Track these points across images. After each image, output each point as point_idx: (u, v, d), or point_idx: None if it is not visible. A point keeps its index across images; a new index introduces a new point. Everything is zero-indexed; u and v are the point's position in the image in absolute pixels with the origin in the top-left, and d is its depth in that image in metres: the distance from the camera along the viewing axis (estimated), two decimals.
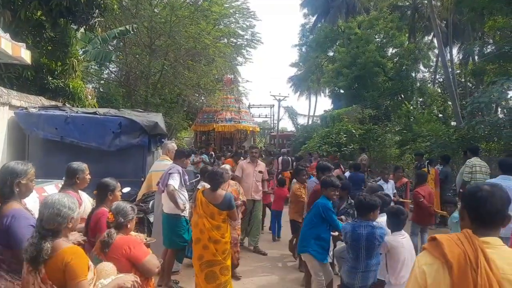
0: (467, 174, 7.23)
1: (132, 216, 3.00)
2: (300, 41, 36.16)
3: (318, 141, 19.43)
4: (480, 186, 1.75)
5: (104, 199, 3.51)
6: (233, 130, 25.87)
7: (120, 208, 2.96)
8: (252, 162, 7.24)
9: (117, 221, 2.91)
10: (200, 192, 4.54)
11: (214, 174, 4.51)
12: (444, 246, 1.61)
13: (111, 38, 12.61)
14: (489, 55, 17.06)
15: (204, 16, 16.37)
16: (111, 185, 3.61)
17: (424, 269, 1.66)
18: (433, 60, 27.28)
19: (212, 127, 25.45)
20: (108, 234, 2.85)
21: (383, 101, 23.98)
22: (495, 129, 11.74)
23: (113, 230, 2.88)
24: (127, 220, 2.93)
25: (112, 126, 6.69)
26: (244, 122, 25.92)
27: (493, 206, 1.66)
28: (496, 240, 1.63)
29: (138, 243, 2.94)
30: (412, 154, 14.32)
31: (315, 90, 41.56)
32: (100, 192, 3.57)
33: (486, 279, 1.50)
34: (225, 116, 25.29)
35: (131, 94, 17.08)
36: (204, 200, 4.40)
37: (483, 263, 1.52)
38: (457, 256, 1.57)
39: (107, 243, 2.80)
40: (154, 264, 2.91)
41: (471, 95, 16.94)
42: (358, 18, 26.22)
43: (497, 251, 1.59)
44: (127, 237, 2.94)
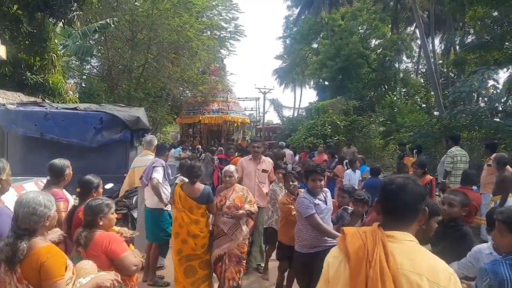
0: (449, 164, 7.33)
1: (105, 212, 2.93)
2: (284, 33, 36.12)
3: (303, 133, 19.52)
4: (393, 179, 1.68)
5: (87, 197, 3.44)
6: (221, 122, 23.92)
7: (87, 207, 2.92)
8: (254, 159, 5.89)
9: (85, 220, 2.87)
10: (179, 186, 4.52)
11: (192, 167, 4.50)
12: (347, 239, 1.58)
13: (92, 32, 12.38)
14: (469, 45, 17.28)
15: (187, 8, 16.19)
16: (95, 182, 3.57)
17: (329, 262, 1.64)
18: (415, 51, 27.57)
19: (198, 119, 23.59)
20: (77, 233, 2.83)
21: (367, 92, 24.17)
22: (476, 118, 11.94)
23: (81, 228, 2.85)
24: (98, 217, 2.87)
25: (93, 122, 6.58)
26: (232, 113, 24.15)
27: (401, 200, 1.60)
28: (403, 234, 1.55)
29: (118, 239, 2.89)
30: (396, 144, 14.49)
31: (300, 82, 41.63)
32: (84, 189, 3.52)
33: (379, 272, 1.44)
34: (212, 107, 23.56)
35: (113, 89, 16.85)
36: (183, 194, 4.39)
37: (378, 256, 1.47)
38: (356, 248, 1.53)
39: (78, 242, 2.78)
40: (131, 262, 2.85)
41: (453, 85, 17.16)
42: (341, 10, 26.28)
43: (401, 245, 1.51)
44: (107, 233, 2.89)
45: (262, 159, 5.95)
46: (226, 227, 4.44)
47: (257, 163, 5.86)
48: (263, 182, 5.85)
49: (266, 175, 5.89)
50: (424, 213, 1.62)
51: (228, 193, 4.55)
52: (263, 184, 5.83)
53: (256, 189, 5.70)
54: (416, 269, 1.43)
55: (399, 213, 1.61)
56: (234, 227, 4.49)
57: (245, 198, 4.59)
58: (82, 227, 2.86)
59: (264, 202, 5.68)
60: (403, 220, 1.59)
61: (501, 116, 13.47)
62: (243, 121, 26.19)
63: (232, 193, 4.56)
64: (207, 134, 25.39)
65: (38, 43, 8.92)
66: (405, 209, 1.60)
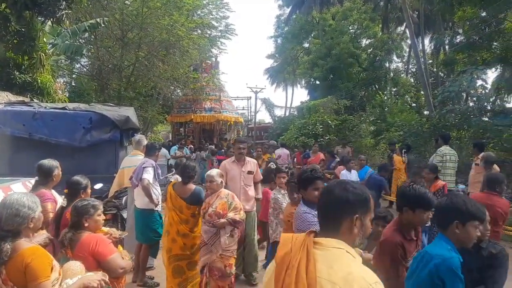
0: (438, 162, 7.40)
1: (90, 213, 2.91)
2: (276, 33, 36.11)
3: (295, 133, 19.55)
4: (330, 183, 1.64)
5: (76, 198, 3.42)
6: (213, 120, 23.23)
7: (73, 208, 2.91)
8: (238, 161, 5.44)
9: (71, 221, 2.86)
10: (171, 185, 4.54)
11: (185, 167, 4.52)
12: (279, 245, 1.56)
13: (82, 31, 12.28)
14: (459, 45, 17.46)
15: (177, 7, 16.13)
16: (83, 183, 3.56)
17: (269, 267, 1.63)
18: (406, 51, 27.75)
19: (190, 118, 22.82)
20: (62, 234, 2.82)
21: (357, 91, 24.27)
22: (465, 118, 12.08)
23: (67, 229, 2.84)
24: (83, 218, 2.85)
25: (83, 122, 6.54)
26: (225, 112, 23.54)
27: (325, 205, 1.58)
28: (331, 241, 1.48)
29: (105, 241, 2.88)
30: (387, 143, 14.60)
31: (291, 81, 41.69)
32: (72, 190, 3.51)
33: (294, 279, 1.41)
34: (204, 105, 22.91)
35: (104, 88, 16.73)
36: (173, 193, 4.42)
37: (298, 263, 1.43)
38: (283, 254, 1.50)
39: (61, 243, 2.77)
40: (118, 264, 2.82)
41: (443, 85, 17.33)
42: (332, 9, 26.34)
43: (325, 252, 1.45)
44: (94, 235, 2.88)
45: (247, 161, 5.53)
46: (207, 236, 4.23)
47: (241, 165, 5.43)
48: (249, 184, 5.47)
49: (251, 177, 5.52)
50: (358, 221, 1.51)
51: (212, 199, 4.27)
52: (248, 187, 5.44)
53: (242, 192, 5.33)
54: (331, 278, 1.38)
55: (324, 218, 1.58)
56: (215, 237, 4.21)
57: (229, 205, 4.24)
58: (68, 228, 2.85)
59: (250, 206, 5.40)
60: (329, 225, 1.54)
61: (490, 116, 13.65)
62: (237, 120, 25.39)
63: (216, 200, 4.25)
64: (199, 133, 24.59)
65: (26, 42, 8.81)
66: (328, 214, 1.56)
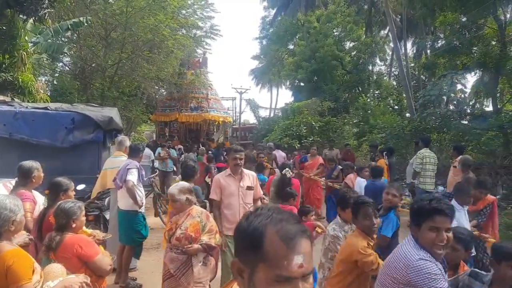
0: (418, 165, 7.57)
1: (77, 214, 2.92)
2: (261, 34, 36.23)
3: (279, 134, 19.68)
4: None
5: (56, 199, 3.42)
6: (200, 120, 21.83)
7: (60, 210, 2.89)
8: (235, 174, 4.51)
9: (58, 223, 2.86)
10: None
11: (185, 167, 4.88)
12: None
13: (64, 30, 12.11)
14: (440, 49, 17.80)
15: (162, 7, 16.03)
16: (64, 185, 3.55)
17: None
18: (388, 54, 28.17)
19: (175, 117, 21.47)
20: (49, 238, 2.80)
21: (341, 93, 24.56)
22: (445, 121, 12.35)
23: (54, 233, 2.83)
24: (71, 220, 2.86)
25: (65, 122, 6.47)
26: (213, 111, 22.07)
27: None
28: None
29: (89, 242, 2.90)
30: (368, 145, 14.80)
31: (276, 82, 41.86)
32: (52, 192, 3.50)
33: None
34: (190, 104, 21.58)
35: (87, 88, 16.52)
36: None
37: None
38: None
39: (49, 247, 2.76)
40: (106, 263, 2.89)
41: (424, 88, 17.67)
42: (317, 12, 26.58)
43: None
44: (77, 236, 2.89)
45: (245, 173, 4.61)
46: (174, 266, 3.49)
47: (239, 179, 4.50)
48: (249, 202, 4.57)
49: (251, 193, 4.59)
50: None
51: (181, 219, 3.52)
52: (248, 205, 4.54)
53: (241, 212, 4.36)
54: None
55: None
56: (184, 267, 3.49)
57: (202, 226, 3.52)
58: (54, 231, 2.84)
59: None
60: None
61: (469, 119, 13.99)
62: (225, 120, 24.03)
63: (186, 219, 3.51)
64: (185, 133, 23.22)
65: (7, 41, 8.69)
66: None
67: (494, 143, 11.13)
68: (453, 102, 15.59)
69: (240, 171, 4.54)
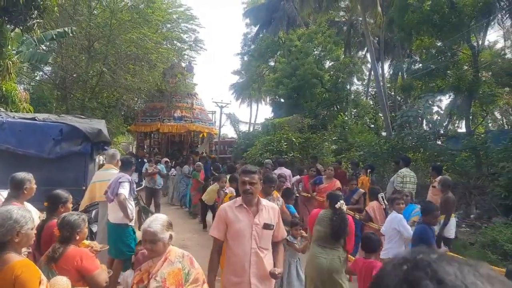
0: (399, 183, 7.86)
1: (81, 227, 2.98)
2: (242, 50, 36.65)
3: (259, 149, 19.81)
4: None
5: (55, 211, 3.47)
6: (184, 131, 20.44)
7: (65, 222, 2.93)
8: (248, 205, 3.24)
9: (63, 235, 2.89)
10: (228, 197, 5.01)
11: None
12: None
13: (48, 39, 12.03)
14: (416, 72, 18.50)
15: (146, 21, 16.13)
16: (63, 197, 3.60)
17: None
18: (366, 74, 28.98)
19: (157, 127, 19.82)
20: (53, 249, 2.83)
21: (320, 111, 25.00)
22: (421, 141, 12.78)
23: (58, 244, 2.86)
24: (75, 232, 2.91)
25: (53, 133, 6.45)
26: (198, 122, 20.62)
27: None
28: None
29: (90, 256, 2.95)
30: (348, 162, 15.11)
31: (256, 98, 42.21)
32: (51, 204, 3.53)
33: None
34: (174, 113, 19.98)
35: (66, 98, 16.33)
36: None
37: None
38: None
39: (52, 258, 2.78)
40: (103, 279, 2.93)
41: (400, 108, 18.27)
42: (298, 31, 27.15)
43: None
44: (79, 249, 2.93)
45: (263, 205, 3.27)
46: None
47: (253, 213, 3.20)
48: (265, 247, 3.25)
49: (270, 233, 3.28)
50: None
51: (155, 265, 2.61)
52: (264, 252, 3.22)
53: (253, 262, 3.14)
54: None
55: None
56: None
57: (185, 274, 2.64)
58: (58, 243, 2.87)
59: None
60: None
61: (443, 140, 14.54)
62: (210, 132, 22.40)
63: (163, 267, 2.59)
64: (167, 145, 21.68)
65: None
66: None
67: (467, 164, 11.61)
68: (429, 123, 16.17)
69: (256, 201, 3.23)
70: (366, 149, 15.32)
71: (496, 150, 10.41)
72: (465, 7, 14.23)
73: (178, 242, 8.40)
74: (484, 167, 11.86)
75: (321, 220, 4.33)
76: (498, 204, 8.99)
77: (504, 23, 17.07)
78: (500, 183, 8.87)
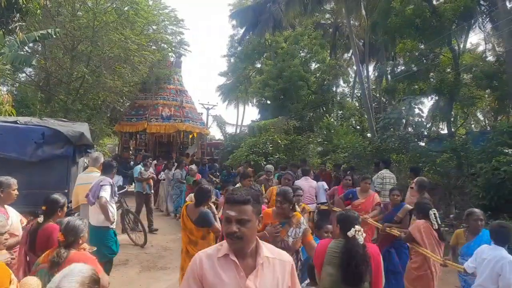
0: (379, 184, 8.03)
1: (84, 231, 3.03)
2: (229, 52, 36.73)
3: (246, 150, 19.87)
4: None
5: (52, 215, 3.57)
6: (173, 131, 18.65)
7: (70, 227, 2.96)
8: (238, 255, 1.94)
9: (68, 240, 2.92)
10: (185, 206, 4.62)
11: (200, 191, 4.47)
12: None
13: (31, 41, 11.92)
14: (399, 75, 18.79)
15: (129, 22, 16.06)
16: (60, 202, 3.69)
17: None
18: (351, 76, 29.35)
19: (143, 127, 18.07)
20: (57, 254, 2.84)
21: (306, 113, 25.20)
22: (404, 142, 13.00)
23: (63, 249, 2.88)
24: (79, 237, 2.97)
25: (35, 136, 6.41)
26: (188, 121, 18.93)
27: None
28: None
29: (93, 259, 2.96)
30: (332, 163, 15.27)
31: (243, 100, 42.31)
32: (50, 208, 3.62)
33: None
34: (161, 112, 18.41)
35: (50, 100, 16.19)
36: (185, 215, 4.52)
37: None
38: None
39: (57, 263, 2.79)
40: (106, 280, 3.02)
41: (385, 109, 18.55)
42: (284, 33, 27.35)
43: None
44: (82, 253, 2.98)
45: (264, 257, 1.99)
46: None
47: (246, 269, 1.93)
48: None
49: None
50: None
51: None
52: None
53: None
54: None
55: None
56: None
57: None
58: (63, 248, 2.89)
59: None
60: None
61: (426, 141, 14.79)
62: (202, 132, 20.59)
63: None
64: (154, 146, 19.66)
65: None
66: None
67: (448, 165, 11.82)
68: (411, 125, 16.45)
69: (252, 249, 1.99)
70: (350, 150, 15.52)
71: (475, 151, 10.65)
72: (446, 11, 14.55)
73: (161, 244, 8.44)
74: (465, 168, 12.11)
75: (331, 257, 2.90)
76: (476, 204, 9.19)
77: (485, 26, 17.51)
78: (478, 183, 9.08)
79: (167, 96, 19.11)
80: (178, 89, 19.61)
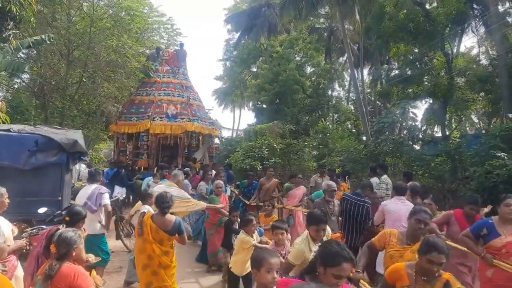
0: (384, 190, 7.97)
1: (77, 243, 2.97)
2: (225, 56, 36.86)
3: (241, 155, 19.87)
4: None
5: (73, 225, 3.58)
6: (180, 132, 15.54)
7: (62, 239, 2.92)
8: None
9: (59, 252, 2.89)
10: (149, 217, 4.37)
11: (161, 197, 4.32)
12: None
13: (25, 47, 11.90)
14: (394, 79, 18.90)
15: (126, 29, 16.07)
16: (82, 213, 3.81)
17: None
18: (347, 80, 29.45)
19: (145, 127, 15.10)
20: (49, 267, 2.82)
21: (302, 116, 25.28)
22: (398, 146, 13.05)
23: (55, 262, 2.85)
24: (72, 249, 2.92)
25: (28, 144, 6.40)
26: (197, 120, 16.02)
27: None
28: None
29: (84, 274, 2.93)
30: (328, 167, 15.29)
31: (239, 104, 42.37)
32: (72, 219, 3.69)
33: None
34: (166, 109, 15.57)
35: (46, 106, 16.13)
36: (154, 226, 4.27)
37: None
38: None
39: (48, 276, 2.78)
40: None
41: (380, 113, 18.64)
42: (279, 37, 27.47)
43: None
44: (74, 267, 2.93)
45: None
46: None
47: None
48: None
49: None
50: None
51: None
52: None
53: None
54: None
55: None
56: None
57: None
58: (55, 260, 2.87)
59: None
60: None
61: (420, 145, 14.86)
62: (211, 133, 17.63)
63: None
64: (157, 150, 15.97)
65: None
66: None
67: (442, 168, 11.87)
68: (406, 129, 16.53)
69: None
70: (346, 154, 15.56)
71: (468, 155, 10.70)
72: (438, 15, 14.68)
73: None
74: (459, 171, 12.17)
75: None
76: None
77: (478, 30, 17.67)
78: (472, 187, 9.13)
79: (172, 91, 16.23)
80: (183, 83, 16.78)
